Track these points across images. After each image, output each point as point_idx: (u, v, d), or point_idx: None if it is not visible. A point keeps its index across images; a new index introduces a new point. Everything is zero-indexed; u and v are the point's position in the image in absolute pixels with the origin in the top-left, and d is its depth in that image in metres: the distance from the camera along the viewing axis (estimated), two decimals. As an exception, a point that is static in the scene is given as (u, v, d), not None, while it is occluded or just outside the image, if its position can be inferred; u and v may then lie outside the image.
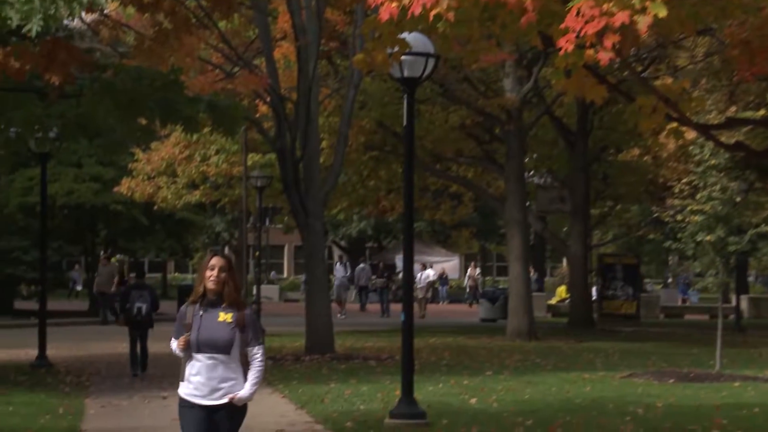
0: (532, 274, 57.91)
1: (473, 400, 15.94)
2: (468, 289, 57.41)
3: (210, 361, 7.57)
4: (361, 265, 50.09)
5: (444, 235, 69.90)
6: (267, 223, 62.57)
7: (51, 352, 22.35)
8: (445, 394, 16.83)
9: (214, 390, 7.58)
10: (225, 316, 7.60)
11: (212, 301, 7.65)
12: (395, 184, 35.94)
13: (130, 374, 20.20)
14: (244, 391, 7.60)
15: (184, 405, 7.69)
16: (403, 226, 14.92)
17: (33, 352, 22.11)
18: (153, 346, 25.75)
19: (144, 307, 20.14)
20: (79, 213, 41.04)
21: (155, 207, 38.23)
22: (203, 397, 7.59)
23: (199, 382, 7.61)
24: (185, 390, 7.69)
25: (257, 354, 7.68)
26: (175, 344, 7.77)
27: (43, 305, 22.68)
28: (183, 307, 7.79)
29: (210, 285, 7.64)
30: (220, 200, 38.73)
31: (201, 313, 7.64)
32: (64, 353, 24.36)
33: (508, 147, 31.17)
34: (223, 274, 7.64)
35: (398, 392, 14.50)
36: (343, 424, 13.57)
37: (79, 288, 60.53)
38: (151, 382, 18.86)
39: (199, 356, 7.60)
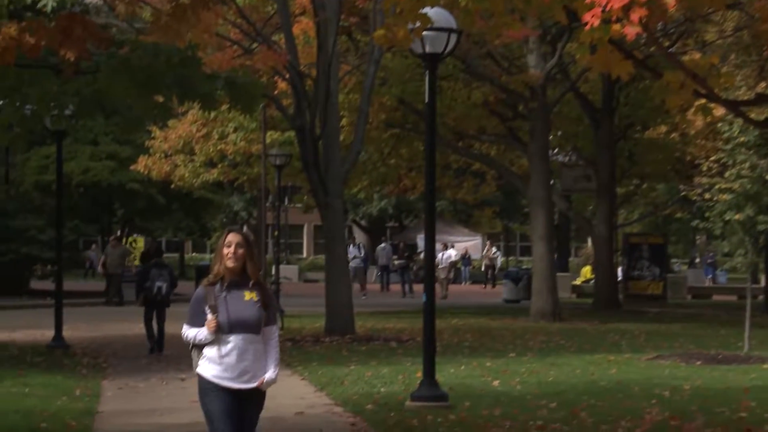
0: None
1: (496, 383, 15.95)
2: (483, 269, 57.32)
3: (242, 342, 7.43)
4: (383, 245, 50.10)
5: (466, 214, 69.84)
6: (286, 202, 62.61)
7: (67, 333, 22.46)
8: (467, 376, 16.85)
9: (244, 372, 7.45)
10: (251, 295, 7.48)
11: (235, 281, 7.49)
12: (416, 162, 35.91)
13: (147, 354, 20.37)
14: (270, 373, 7.52)
15: (211, 387, 7.49)
16: (424, 205, 14.91)
17: (49, 333, 22.23)
18: (171, 327, 25.85)
19: (164, 286, 20.35)
20: (95, 191, 41.23)
21: (172, 186, 38.34)
22: (232, 379, 7.45)
23: (229, 363, 7.45)
24: (212, 371, 7.49)
25: (275, 334, 7.60)
26: (191, 331, 7.53)
27: (60, 285, 22.78)
28: (199, 290, 7.57)
29: (229, 263, 7.48)
30: (238, 179, 38.78)
31: (224, 293, 7.47)
32: (80, 334, 24.48)
33: (532, 124, 31.09)
34: (240, 251, 7.48)
35: (420, 374, 14.52)
36: (364, 407, 13.60)
37: (96, 268, 60.75)
38: (168, 364, 18.93)
39: (231, 337, 7.43)
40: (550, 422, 12.32)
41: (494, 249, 59.48)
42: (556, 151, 39.82)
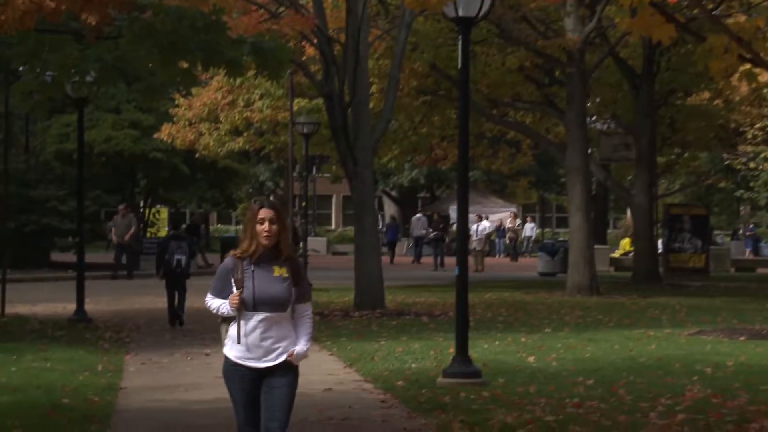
0: None
1: (531, 359, 15.95)
2: (509, 242, 57.20)
3: (266, 321, 7.28)
4: (417, 215, 50.14)
5: (500, 184, 69.71)
6: (314, 172, 62.60)
7: (89, 306, 22.60)
8: (501, 352, 16.85)
9: (269, 351, 7.31)
10: (280, 271, 7.31)
11: (265, 254, 7.32)
12: (449, 130, 35.83)
13: (169, 328, 20.68)
14: (300, 346, 7.35)
15: (234, 369, 7.36)
16: (457, 175, 14.88)
17: (71, 307, 22.37)
18: (196, 301, 25.94)
19: (183, 258, 20.73)
20: (117, 161, 41.38)
21: (197, 155, 38.42)
22: (257, 359, 7.31)
23: (252, 343, 7.29)
24: (235, 352, 7.34)
25: (307, 310, 7.46)
26: (215, 302, 7.38)
27: (81, 257, 22.90)
28: (227, 261, 7.41)
29: (264, 241, 7.29)
30: (264, 148, 38.83)
31: (252, 267, 7.30)
32: (102, 308, 24.62)
33: (569, 91, 30.95)
34: (274, 227, 7.28)
35: (452, 350, 14.53)
36: (394, 383, 13.63)
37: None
38: (193, 338, 19.03)
39: (254, 315, 7.27)
40: (587, 399, 12.32)
41: (518, 221, 59.23)
42: (594, 118, 39.63)
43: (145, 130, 40.36)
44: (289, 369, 7.37)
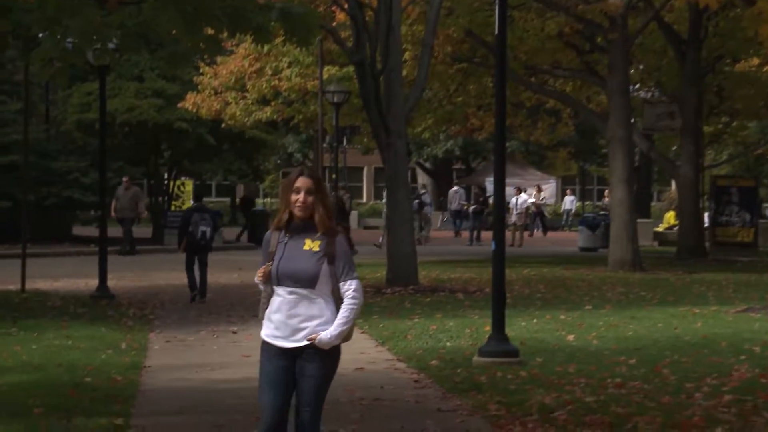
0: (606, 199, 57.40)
1: (571, 337, 15.94)
2: (533, 217, 57.04)
3: (291, 296, 7.17)
4: (455, 188, 50.16)
5: (539, 155, 69.59)
6: (344, 142, 62.64)
7: (112, 282, 22.72)
8: (539, 330, 16.85)
9: (297, 330, 7.18)
10: (311, 245, 7.16)
11: (299, 226, 7.20)
12: (485, 99, 35.75)
13: (189, 302, 21.08)
14: (328, 331, 7.16)
15: (266, 348, 7.28)
16: (494, 146, 14.85)
17: (93, 282, 22.49)
18: (222, 277, 26.03)
19: (208, 230, 21.21)
20: (140, 131, 41.49)
21: (223, 125, 38.49)
22: (284, 338, 7.20)
23: (279, 320, 7.21)
24: (265, 329, 7.29)
25: (350, 289, 7.21)
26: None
27: (104, 231, 23.02)
28: (268, 233, 7.35)
29: (297, 212, 7.17)
30: (293, 118, 38.83)
31: (285, 240, 7.21)
32: (126, 284, 24.76)
33: (611, 57, 30.80)
34: (310, 198, 7.14)
35: (488, 328, 14.54)
36: (428, 362, 13.65)
37: (140, 214, 61.10)
38: (219, 315, 19.11)
39: (280, 290, 7.19)
40: (629, 380, 12.30)
41: (542, 194, 58.93)
42: (637, 86, 39.44)
43: (169, 99, 40.43)
44: (321, 354, 7.20)
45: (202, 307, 20.48)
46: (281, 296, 7.19)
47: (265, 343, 7.28)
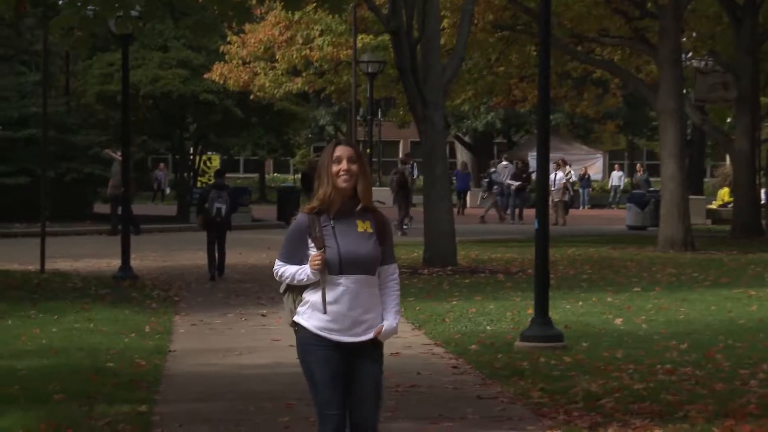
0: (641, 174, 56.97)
1: (618, 321, 15.91)
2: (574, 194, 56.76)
3: (354, 285, 6.76)
4: (503, 163, 50.08)
5: (585, 129, 69.37)
6: (379, 115, 62.64)
7: (135, 262, 22.82)
8: (585, 313, 16.83)
9: (357, 323, 6.81)
10: (364, 225, 6.83)
11: (345, 207, 6.81)
12: (528, 69, 35.64)
13: (207, 281, 21.75)
14: (390, 320, 6.89)
15: (315, 343, 6.82)
16: (537, 119, 14.81)
17: (115, 263, 22.61)
18: (251, 257, 26.11)
19: (223, 207, 21.92)
20: (165, 103, 41.62)
21: (251, 97, 38.57)
22: (343, 331, 6.79)
23: (338, 312, 6.78)
24: (315, 321, 6.82)
25: (394, 273, 6.98)
26: (288, 269, 6.85)
27: (127, 209, 23.09)
28: (300, 218, 6.88)
29: (342, 183, 6.77)
30: (325, 89, 38.90)
31: (332, 223, 6.79)
32: (150, 264, 24.87)
33: (662, 24, 30.64)
34: (354, 167, 6.78)
35: (531, 311, 14.53)
36: (467, 347, 13.66)
37: (165, 190, 61.47)
38: (247, 297, 19.17)
39: (341, 279, 6.76)
40: (680, 366, 12.28)
41: (568, 168, 58.36)
42: (689, 55, 39.24)
43: (195, 69, 40.53)
44: (379, 348, 6.93)
45: (229, 289, 20.56)
46: (343, 285, 6.77)
47: (314, 337, 6.83)
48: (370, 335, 6.84)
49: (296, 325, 6.92)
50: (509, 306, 17.42)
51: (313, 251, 6.78)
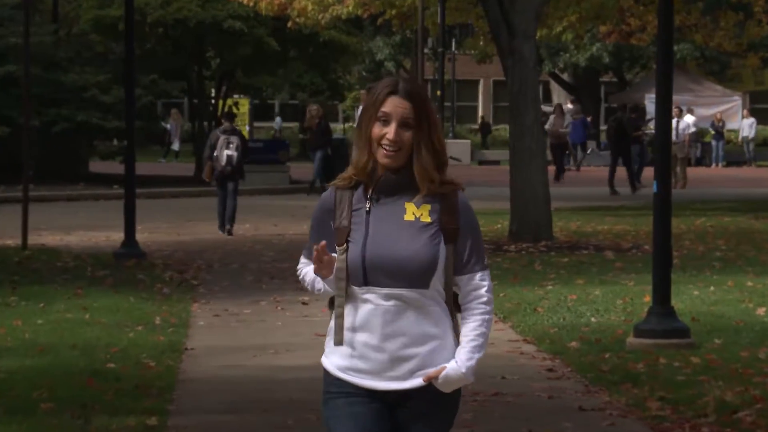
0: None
1: (761, 311, 15.86)
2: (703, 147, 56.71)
3: (389, 303, 5.66)
4: (569, 106, 50.00)
5: (721, 64, 68.94)
6: (453, 47, 62.54)
7: (142, 236, 22.96)
8: (717, 301, 16.79)
9: (397, 360, 5.71)
10: (418, 211, 5.68)
11: (391, 181, 5.74)
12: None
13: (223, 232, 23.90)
14: (460, 361, 5.78)
15: (336, 389, 5.87)
16: (657, 52, 14.75)
17: (117, 236, 22.71)
18: (290, 228, 26.21)
19: (235, 155, 23.77)
20: (179, 33, 41.74)
21: (289, 24, 38.58)
22: (376, 374, 5.74)
23: (366, 343, 5.72)
24: (338, 360, 5.83)
25: (482, 287, 5.87)
26: (308, 271, 5.94)
27: (131, 168, 23.24)
28: (326, 195, 5.93)
29: (383, 158, 5.70)
30: (383, 13, 38.82)
31: (367, 205, 5.75)
32: (160, 238, 24.99)
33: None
34: (407, 134, 5.66)
35: (648, 298, 14.53)
36: (566, 345, 13.68)
37: (175, 146, 60.97)
38: (284, 281, 19.17)
39: (368, 295, 5.70)
40: (840, 370, 12.26)
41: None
42: None
43: (218, -11, 40.64)
44: (441, 400, 5.87)
45: (262, 270, 20.59)
46: (371, 303, 5.72)
47: (337, 381, 5.87)
48: (418, 380, 5.77)
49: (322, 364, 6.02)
50: (620, 292, 17.40)
51: (322, 244, 5.76)
